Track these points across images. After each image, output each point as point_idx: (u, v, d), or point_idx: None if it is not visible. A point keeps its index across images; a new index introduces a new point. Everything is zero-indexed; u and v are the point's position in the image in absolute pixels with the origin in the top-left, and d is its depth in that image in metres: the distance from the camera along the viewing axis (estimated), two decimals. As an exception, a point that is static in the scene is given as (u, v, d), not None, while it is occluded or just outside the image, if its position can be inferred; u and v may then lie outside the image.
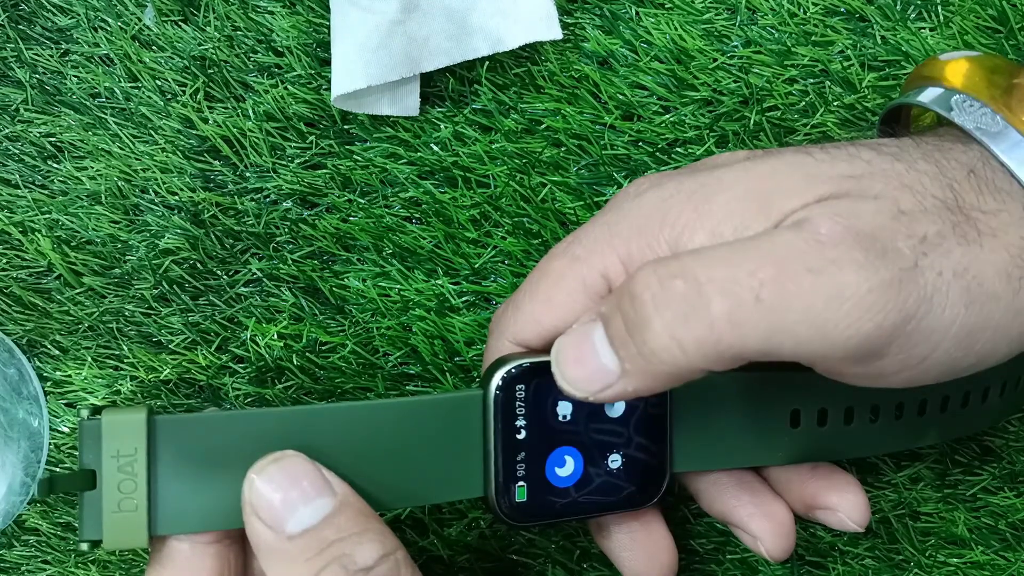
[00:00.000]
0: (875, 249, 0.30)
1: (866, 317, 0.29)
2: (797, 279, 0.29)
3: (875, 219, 0.30)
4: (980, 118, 0.34)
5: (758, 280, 0.29)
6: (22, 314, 0.42)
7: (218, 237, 0.43)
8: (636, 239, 0.33)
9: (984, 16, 0.44)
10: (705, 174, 0.34)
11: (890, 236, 0.30)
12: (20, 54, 0.42)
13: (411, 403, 0.35)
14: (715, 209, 0.32)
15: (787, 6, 0.44)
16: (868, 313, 0.29)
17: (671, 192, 0.34)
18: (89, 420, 0.32)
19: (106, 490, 0.31)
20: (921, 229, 0.31)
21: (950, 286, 0.30)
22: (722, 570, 0.44)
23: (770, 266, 0.29)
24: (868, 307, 0.29)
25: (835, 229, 0.30)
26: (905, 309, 0.29)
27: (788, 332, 0.29)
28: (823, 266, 0.29)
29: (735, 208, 0.32)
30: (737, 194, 0.33)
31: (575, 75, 0.44)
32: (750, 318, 0.29)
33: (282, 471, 0.31)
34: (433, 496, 0.35)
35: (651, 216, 0.33)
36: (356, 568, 0.30)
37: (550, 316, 0.35)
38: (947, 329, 0.30)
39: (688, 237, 0.32)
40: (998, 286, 0.31)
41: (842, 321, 0.29)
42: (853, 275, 0.29)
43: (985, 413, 0.41)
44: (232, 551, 0.33)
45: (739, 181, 0.33)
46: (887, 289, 0.29)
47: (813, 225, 0.30)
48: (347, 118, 0.43)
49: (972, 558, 0.44)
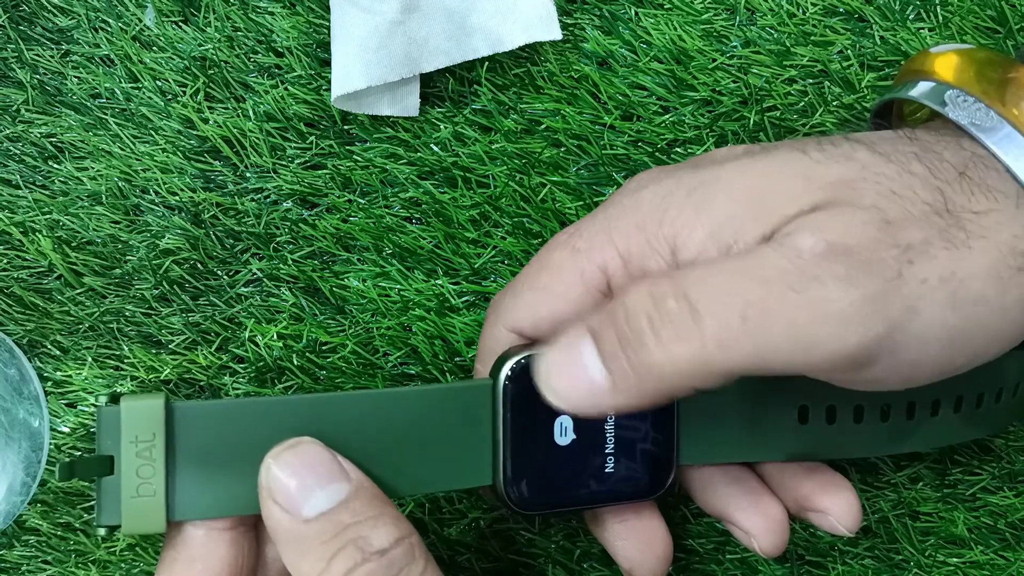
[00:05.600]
0: (858, 262, 0.33)
1: (849, 331, 0.33)
2: (780, 298, 0.33)
3: (861, 231, 0.34)
4: (974, 113, 0.37)
5: (744, 300, 0.33)
6: (23, 314, 0.47)
7: (218, 237, 0.47)
8: (635, 235, 0.38)
9: (983, 16, 0.48)
10: (704, 171, 0.38)
11: (874, 247, 0.34)
12: (21, 55, 0.47)
13: (422, 392, 0.40)
14: (713, 210, 0.36)
15: (786, 6, 0.48)
16: (851, 327, 0.33)
17: (670, 189, 0.38)
18: (108, 407, 0.36)
19: (125, 475, 0.35)
20: (907, 237, 0.34)
21: (935, 292, 0.34)
22: (722, 570, 0.49)
23: (756, 286, 0.33)
24: (850, 321, 0.33)
25: (818, 246, 0.34)
26: (889, 319, 0.33)
27: (774, 350, 0.33)
28: (805, 284, 0.33)
29: (732, 211, 0.36)
30: (735, 195, 0.36)
31: (575, 75, 0.49)
32: (737, 338, 0.33)
33: (298, 457, 0.35)
34: (443, 484, 0.40)
35: (651, 213, 0.38)
36: (372, 551, 0.34)
37: (547, 305, 0.39)
38: (934, 334, 0.34)
39: (686, 237, 0.37)
40: (986, 288, 0.34)
41: (826, 337, 0.33)
42: (834, 291, 0.33)
43: (997, 414, 0.45)
44: (247, 539, 0.38)
45: (736, 180, 0.37)
46: (870, 302, 0.33)
47: (798, 241, 0.34)
48: (347, 118, 0.48)
49: (972, 558, 0.49)
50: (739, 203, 0.36)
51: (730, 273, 0.34)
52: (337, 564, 0.34)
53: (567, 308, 0.39)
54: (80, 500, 0.47)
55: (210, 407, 0.37)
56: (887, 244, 0.34)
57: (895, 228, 0.34)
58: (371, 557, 0.34)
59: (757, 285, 0.33)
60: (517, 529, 0.48)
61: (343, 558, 0.34)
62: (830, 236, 0.34)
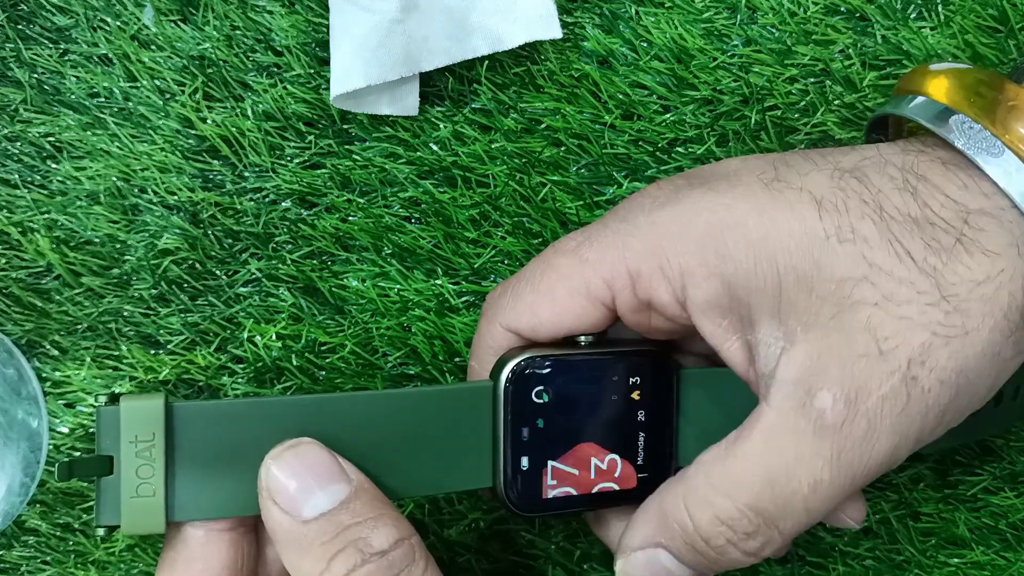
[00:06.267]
0: (864, 413, 0.36)
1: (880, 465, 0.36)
2: (791, 488, 0.36)
3: (867, 368, 0.36)
4: (978, 140, 0.37)
5: (753, 513, 0.37)
6: (21, 314, 0.47)
7: (217, 237, 0.48)
8: (649, 259, 0.38)
9: (984, 16, 0.49)
10: (718, 201, 0.38)
11: (878, 381, 0.35)
12: (19, 54, 0.48)
13: (423, 393, 0.40)
14: (724, 266, 0.37)
15: (787, 5, 0.49)
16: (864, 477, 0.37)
17: (689, 218, 0.38)
18: (107, 407, 0.36)
19: (124, 475, 0.36)
20: (907, 354, 0.35)
21: (939, 394, 0.36)
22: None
23: (765, 491, 0.37)
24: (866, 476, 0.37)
25: (838, 408, 0.35)
26: (909, 436, 0.36)
27: (794, 525, 0.37)
28: (818, 470, 0.36)
29: (740, 273, 0.37)
30: (746, 251, 0.37)
31: (575, 74, 0.49)
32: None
33: (298, 457, 0.36)
34: (443, 485, 0.40)
35: (666, 242, 0.38)
36: (372, 552, 0.35)
37: (548, 311, 0.40)
38: (937, 420, 0.36)
39: (699, 280, 0.38)
40: (983, 366, 0.36)
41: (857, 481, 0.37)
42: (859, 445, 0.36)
43: (998, 416, 0.46)
44: (246, 540, 0.38)
45: (751, 228, 0.37)
46: (891, 453, 0.36)
47: (818, 406, 0.36)
48: (346, 118, 0.48)
49: (972, 558, 0.49)
50: (753, 260, 0.37)
51: (733, 475, 0.38)
52: (337, 565, 0.35)
53: (568, 316, 0.40)
54: (79, 501, 0.48)
55: (210, 407, 0.37)
56: (887, 371, 0.36)
57: (896, 342, 0.36)
58: (371, 558, 0.35)
59: (766, 490, 0.37)
60: (517, 530, 0.49)
61: (343, 559, 0.35)
62: (847, 392, 0.36)
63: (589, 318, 0.40)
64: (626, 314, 0.40)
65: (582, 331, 0.40)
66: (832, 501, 0.36)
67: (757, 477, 0.36)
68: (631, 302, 0.39)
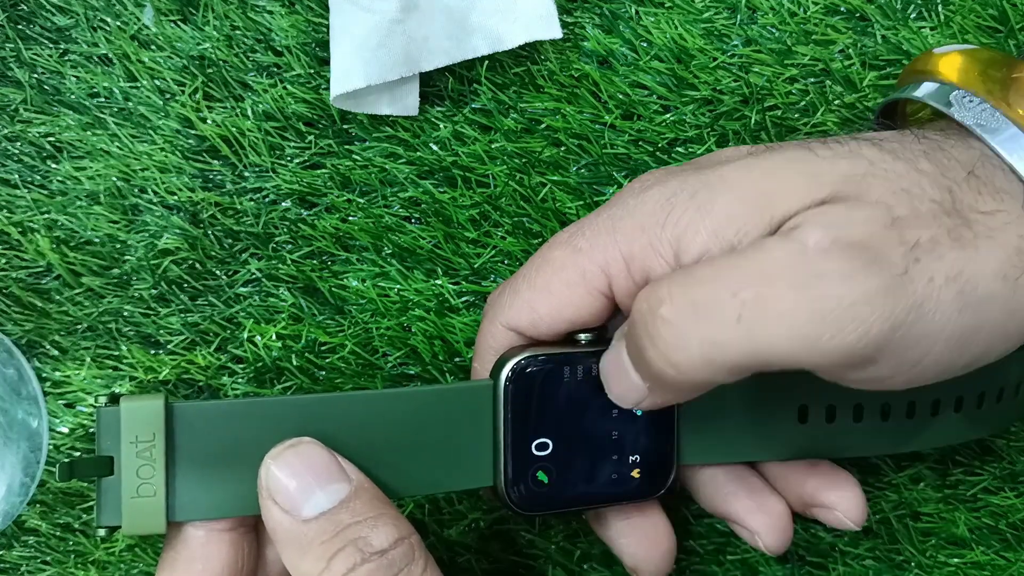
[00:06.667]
0: (863, 259, 0.34)
1: (849, 328, 0.33)
2: (779, 296, 0.33)
3: (868, 227, 0.34)
4: (980, 114, 0.38)
5: (740, 300, 0.34)
6: (21, 314, 0.48)
7: (217, 237, 0.48)
8: (639, 237, 0.38)
9: (984, 15, 0.49)
10: (709, 171, 0.38)
11: (881, 244, 0.34)
12: (19, 54, 0.48)
13: (423, 392, 0.41)
14: (717, 210, 0.37)
15: (787, 5, 0.49)
16: (852, 324, 0.33)
17: (674, 190, 0.38)
18: (107, 407, 0.37)
19: (125, 476, 0.36)
20: (914, 235, 0.34)
21: (942, 291, 0.34)
22: (722, 571, 0.50)
23: (754, 284, 0.34)
24: (852, 319, 0.33)
25: (823, 240, 0.34)
26: (893, 317, 0.33)
27: (773, 348, 0.34)
28: (807, 280, 0.33)
29: (736, 210, 0.37)
30: (739, 194, 0.37)
31: (575, 74, 0.49)
32: (732, 338, 0.34)
33: (298, 457, 0.36)
34: (443, 485, 0.41)
35: (654, 214, 0.38)
36: (372, 551, 0.35)
37: (546, 305, 0.40)
38: (939, 334, 0.34)
39: (690, 238, 0.37)
40: (993, 287, 0.35)
41: (825, 334, 0.33)
42: (837, 287, 0.33)
43: (999, 414, 0.46)
44: (246, 540, 0.39)
45: (741, 180, 0.37)
46: (873, 299, 0.33)
47: (803, 235, 0.34)
48: (346, 118, 0.49)
49: (972, 558, 0.50)
50: (743, 201, 0.37)
51: (730, 269, 0.35)
52: (337, 564, 0.35)
53: (567, 308, 0.40)
54: (79, 501, 0.48)
55: (210, 407, 0.38)
56: (894, 241, 0.34)
57: (902, 225, 0.35)
58: (371, 557, 0.35)
59: (757, 281, 0.34)
60: (517, 530, 0.49)
61: (343, 558, 0.35)
62: (836, 231, 0.34)
63: (588, 309, 0.40)
64: (624, 300, 0.40)
65: (582, 323, 0.41)
66: (768, 332, 0.34)
67: (710, 272, 0.35)
68: (628, 287, 0.39)
